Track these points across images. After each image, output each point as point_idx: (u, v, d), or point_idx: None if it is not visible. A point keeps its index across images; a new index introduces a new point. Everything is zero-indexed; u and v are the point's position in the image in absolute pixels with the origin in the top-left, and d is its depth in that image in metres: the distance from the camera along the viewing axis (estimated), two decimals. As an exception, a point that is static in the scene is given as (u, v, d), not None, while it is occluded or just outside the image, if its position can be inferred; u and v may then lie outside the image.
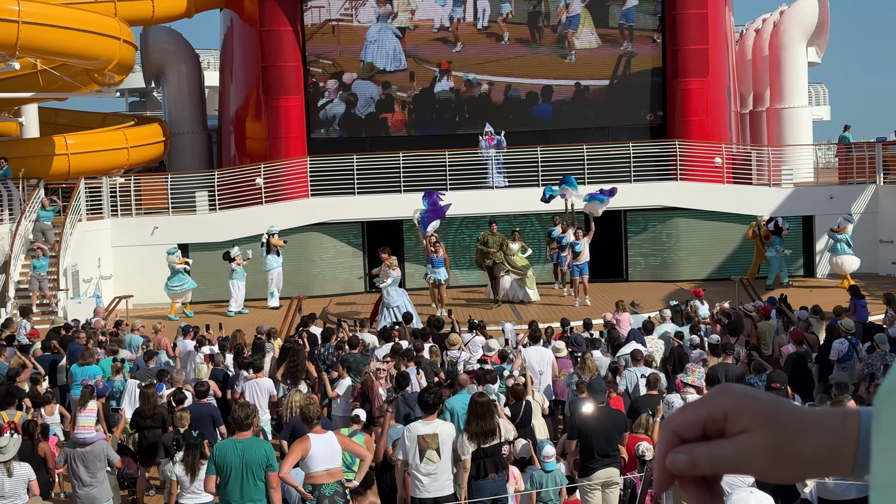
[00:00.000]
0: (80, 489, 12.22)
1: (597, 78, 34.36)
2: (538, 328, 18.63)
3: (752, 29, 43.84)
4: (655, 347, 17.95)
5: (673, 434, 1.39)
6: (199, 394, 14.32)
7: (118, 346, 18.85)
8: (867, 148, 33.14)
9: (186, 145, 36.90)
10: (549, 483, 11.58)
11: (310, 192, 32.34)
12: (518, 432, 12.86)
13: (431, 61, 34.24)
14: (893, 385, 1.18)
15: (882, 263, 30.97)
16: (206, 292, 29.54)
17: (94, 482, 12.24)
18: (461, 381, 14.02)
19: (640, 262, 32.77)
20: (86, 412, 12.63)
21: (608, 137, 33.72)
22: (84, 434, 12.28)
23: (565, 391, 16.19)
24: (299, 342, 18.07)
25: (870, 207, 31.80)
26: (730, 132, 35.26)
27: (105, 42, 27.88)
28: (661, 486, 1.40)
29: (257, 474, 10.34)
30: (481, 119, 33.08)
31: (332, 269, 32.20)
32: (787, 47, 38.14)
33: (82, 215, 30.10)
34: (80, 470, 12.19)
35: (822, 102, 55.70)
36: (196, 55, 38.91)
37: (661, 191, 32.03)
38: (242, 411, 10.84)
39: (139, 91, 53.28)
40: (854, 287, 22.75)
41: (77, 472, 12.20)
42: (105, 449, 12.42)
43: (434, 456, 11.06)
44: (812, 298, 23.55)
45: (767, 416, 1.35)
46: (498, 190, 31.93)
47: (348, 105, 34.37)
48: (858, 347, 16.82)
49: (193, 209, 31.82)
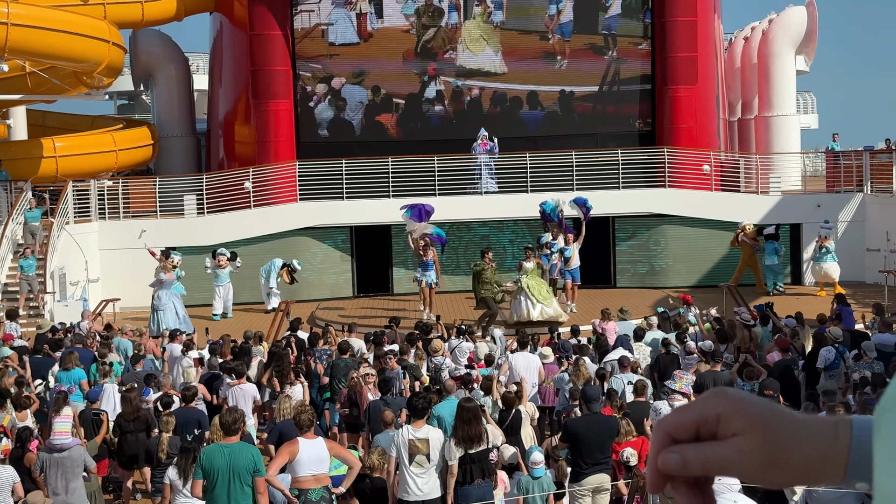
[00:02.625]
0: (55, 497, 12.02)
1: (585, 85, 34.43)
2: (526, 334, 18.64)
3: (740, 37, 44.01)
4: (642, 355, 17.97)
5: (666, 435, 1.39)
6: (186, 398, 14.27)
7: (108, 349, 18.77)
8: (854, 156, 33.28)
9: (175, 149, 36.84)
10: (537, 489, 11.57)
11: (298, 197, 32.31)
12: (506, 440, 12.86)
13: (420, 68, 34.29)
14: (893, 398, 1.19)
15: (869, 271, 31.07)
16: (193, 296, 29.46)
17: (71, 489, 12.06)
18: (448, 386, 14.01)
19: (629, 269, 32.81)
20: (61, 418, 12.47)
21: (597, 144, 33.79)
22: (60, 440, 12.13)
23: (551, 397, 16.20)
24: (287, 347, 18.06)
25: (857, 216, 31.93)
26: (718, 140, 35.36)
27: (94, 45, 27.84)
28: (655, 486, 1.40)
29: (244, 479, 10.32)
30: (470, 124, 33.12)
31: (320, 273, 32.17)
32: (776, 55, 38.28)
33: (70, 218, 30.02)
34: (55, 477, 12.00)
35: (810, 111, 55.87)
36: (185, 58, 38.88)
37: (650, 198, 32.09)
38: (230, 416, 10.81)
39: (128, 94, 53.23)
40: (840, 295, 22.84)
41: (51, 479, 12.02)
42: (82, 455, 12.24)
43: (423, 460, 11.07)
44: (799, 306, 23.60)
45: (759, 420, 1.35)
46: (487, 195, 31.94)
47: (337, 109, 34.38)
48: (846, 355, 16.86)
49: (182, 213, 31.76)
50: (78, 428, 13.85)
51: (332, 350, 18.28)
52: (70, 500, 12.00)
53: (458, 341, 19.15)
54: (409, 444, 11.06)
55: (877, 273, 29.94)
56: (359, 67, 34.16)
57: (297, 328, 20.67)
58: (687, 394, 13.29)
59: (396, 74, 34.24)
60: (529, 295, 24.03)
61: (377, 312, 27.97)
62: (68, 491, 11.97)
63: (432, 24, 34.11)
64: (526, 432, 14.11)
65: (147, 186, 32.89)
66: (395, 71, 34.25)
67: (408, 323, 23.21)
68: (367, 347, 18.93)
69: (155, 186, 32.41)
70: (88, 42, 27.61)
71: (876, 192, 32.05)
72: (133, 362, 18.01)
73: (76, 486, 12.06)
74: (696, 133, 33.78)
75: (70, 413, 12.97)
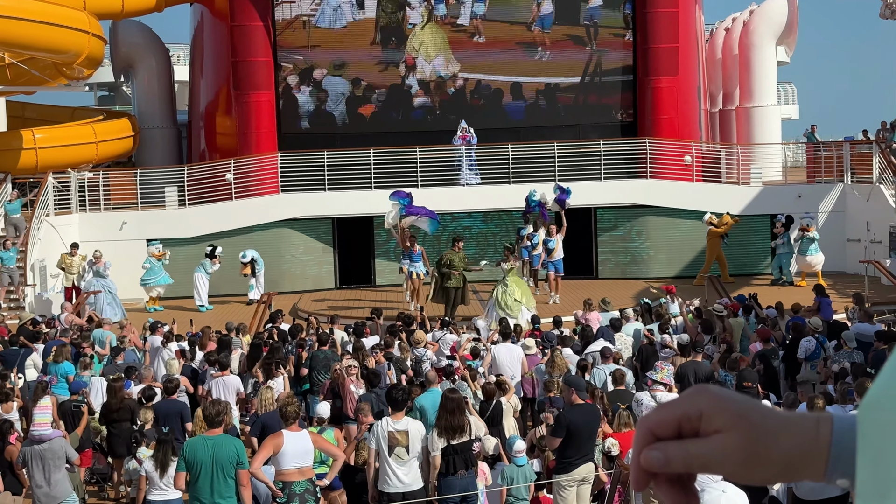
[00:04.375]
0: (38, 489, 11.96)
1: (567, 76, 34.45)
2: (508, 325, 18.67)
3: (722, 28, 44.13)
4: (624, 345, 18.03)
5: (648, 432, 1.40)
6: (168, 390, 14.24)
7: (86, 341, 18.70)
8: (835, 147, 33.41)
9: (156, 140, 36.70)
10: (520, 478, 11.60)
11: (280, 188, 32.24)
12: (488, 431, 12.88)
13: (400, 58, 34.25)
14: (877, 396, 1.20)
15: (849, 262, 31.22)
16: (174, 288, 29.37)
17: (53, 481, 12.00)
18: (430, 378, 14.03)
19: (610, 260, 32.87)
20: (40, 409, 12.39)
21: (579, 135, 33.82)
22: (41, 431, 12.03)
23: (535, 389, 16.23)
24: (271, 338, 18.04)
25: (837, 206, 32.07)
26: (699, 130, 35.46)
27: (74, 36, 27.68)
28: (638, 484, 1.41)
29: (227, 471, 10.30)
30: (452, 116, 33.11)
31: (303, 265, 32.12)
32: (757, 46, 38.39)
33: (50, 210, 29.88)
34: (37, 469, 11.95)
35: (790, 101, 56.11)
36: (166, 50, 38.71)
37: (631, 188, 32.14)
38: (213, 408, 10.79)
39: (108, 85, 52.92)
40: (819, 285, 22.95)
41: (34, 471, 11.97)
42: (63, 446, 12.16)
43: (403, 453, 11.07)
44: (781, 296, 23.70)
45: (741, 417, 1.36)
46: (468, 187, 31.94)
47: (319, 101, 34.30)
48: (826, 345, 16.96)
49: (163, 204, 31.65)
50: (57, 420, 13.78)
51: (312, 341, 18.27)
52: (53, 493, 11.92)
53: (441, 333, 19.17)
54: (389, 435, 11.07)
55: (857, 263, 30.08)
56: (339, 58, 34.07)
57: (276, 320, 20.66)
58: (669, 384, 13.33)
59: (376, 65, 34.17)
60: (498, 307, 23.39)
61: (360, 304, 27.96)
62: (51, 483, 11.89)
63: (391, 14, 34.10)
64: (508, 423, 14.14)
65: (128, 178, 32.74)
66: (374, 61, 34.18)
67: (390, 314, 23.19)
68: (348, 338, 18.93)
69: (136, 178, 32.26)
70: (68, 33, 27.45)
71: (856, 183, 32.20)
72: (114, 354, 17.96)
73: (59, 478, 11.98)
74: (678, 124, 33.86)
75: (49, 404, 12.83)
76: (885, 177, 31.28)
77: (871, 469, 1.20)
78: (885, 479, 1.17)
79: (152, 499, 11.57)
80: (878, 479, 1.19)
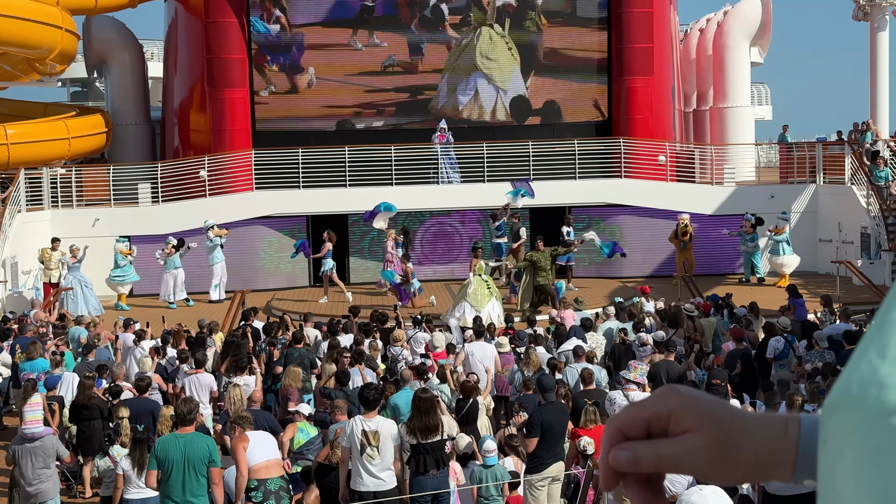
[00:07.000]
0: (30, 486, 11.97)
1: (542, 75, 34.48)
2: (482, 324, 18.68)
3: (696, 28, 44.29)
4: (597, 344, 18.07)
5: (617, 431, 1.41)
6: (140, 389, 14.17)
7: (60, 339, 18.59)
8: (808, 148, 33.62)
9: (129, 136, 36.50)
10: (490, 478, 11.61)
11: (254, 186, 32.13)
12: (462, 429, 12.89)
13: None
14: (838, 398, 1.20)
15: (821, 262, 31.42)
16: (145, 285, 29.21)
17: (44, 477, 12.01)
18: (405, 376, 14.02)
19: (584, 259, 32.92)
20: (30, 406, 12.37)
21: (553, 134, 33.88)
22: (32, 429, 12.04)
23: (507, 387, 16.25)
24: (243, 336, 17.98)
25: (809, 207, 32.27)
26: (673, 131, 35.58)
27: (47, 31, 27.51)
28: (607, 483, 1.41)
29: (199, 470, 10.27)
30: (426, 114, 33.07)
31: (277, 262, 32.02)
32: (731, 47, 38.56)
33: (22, 206, 29.66)
34: (28, 466, 11.93)
35: (764, 102, 56.37)
36: (140, 45, 38.50)
37: (606, 188, 32.22)
38: (185, 406, 10.76)
39: (81, 81, 52.63)
40: (792, 286, 23.07)
41: (25, 468, 11.94)
42: (54, 443, 12.21)
43: (374, 452, 11.06)
44: (753, 296, 23.82)
45: (710, 417, 1.36)
46: (443, 185, 31.94)
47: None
48: (795, 345, 17.06)
49: (136, 201, 31.48)
50: (48, 415, 13.74)
51: (286, 339, 18.22)
52: (42, 489, 11.97)
53: (413, 331, 19.15)
54: (361, 435, 11.06)
55: (829, 263, 30.28)
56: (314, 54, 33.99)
57: (249, 318, 20.59)
58: (642, 383, 13.37)
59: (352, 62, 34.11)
60: (468, 302, 23.56)
61: (334, 302, 27.88)
62: (41, 479, 11.93)
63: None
64: (482, 422, 14.16)
65: (101, 174, 32.54)
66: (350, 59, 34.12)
67: (366, 313, 23.14)
68: (322, 337, 18.89)
69: (109, 175, 32.07)
70: (41, 28, 27.28)
71: (828, 184, 32.41)
72: (85, 352, 17.86)
73: (50, 475, 12.05)
74: (652, 124, 33.96)
75: (39, 401, 12.79)
76: (857, 178, 31.50)
77: (831, 471, 1.20)
78: (841, 482, 1.17)
79: (130, 497, 11.52)
80: (835, 482, 1.19)
